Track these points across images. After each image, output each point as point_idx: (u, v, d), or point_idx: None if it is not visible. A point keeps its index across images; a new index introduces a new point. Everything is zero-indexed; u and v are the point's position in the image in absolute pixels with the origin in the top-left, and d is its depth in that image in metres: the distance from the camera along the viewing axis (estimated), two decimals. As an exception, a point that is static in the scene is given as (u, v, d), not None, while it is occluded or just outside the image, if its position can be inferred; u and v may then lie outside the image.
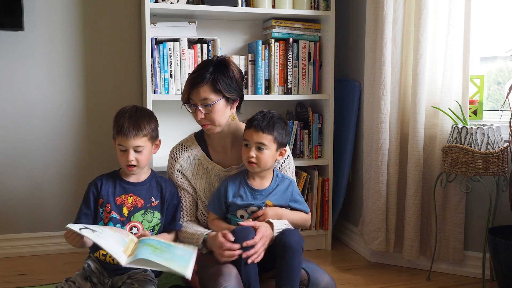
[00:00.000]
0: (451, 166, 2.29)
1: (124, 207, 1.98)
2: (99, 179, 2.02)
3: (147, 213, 2.01)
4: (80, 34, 2.78)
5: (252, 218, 1.96)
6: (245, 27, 2.94)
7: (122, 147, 1.94)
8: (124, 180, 2.03)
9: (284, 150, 2.00)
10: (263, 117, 1.95)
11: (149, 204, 2.01)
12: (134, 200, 2.00)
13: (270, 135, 1.92)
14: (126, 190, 2.01)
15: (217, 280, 1.74)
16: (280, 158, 2.01)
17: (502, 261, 2.17)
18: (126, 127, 1.92)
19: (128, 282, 1.88)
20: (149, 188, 2.04)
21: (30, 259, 2.70)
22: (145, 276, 1.94)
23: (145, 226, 2.00)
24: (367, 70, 2.62)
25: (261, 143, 1.92)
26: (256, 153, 1.93)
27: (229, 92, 1.99)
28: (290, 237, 1.85)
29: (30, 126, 2.75)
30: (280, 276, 1.81)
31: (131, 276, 1.92)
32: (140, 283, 1.87)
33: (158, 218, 2.03)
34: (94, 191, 2.00)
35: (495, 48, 2.66)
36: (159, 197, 2.04)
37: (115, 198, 1.99)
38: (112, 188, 2.00)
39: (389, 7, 2.46)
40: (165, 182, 2.08)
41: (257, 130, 1.93)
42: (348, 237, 3.01)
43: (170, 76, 2.60)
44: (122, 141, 1.94)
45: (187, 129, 2.45)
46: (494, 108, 2.63)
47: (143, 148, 1.96)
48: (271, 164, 1.97)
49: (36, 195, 2.79)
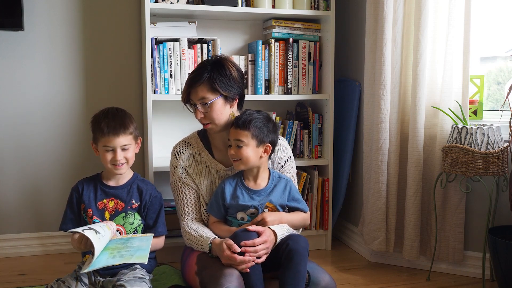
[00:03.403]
0: (451, 166, 2.29)
1: (106, 211, 2.01)
2: (80, 184, 2.05)
3: (128, 215, 2.03)
4: (80, 34, 2.78)
5: (251, 224, 1.96)
6: (245, 27, 2.94)
7: (109, 147, 1.97)
8: (105, 184, 2.06)
9: (268, 147, 2.00)
10: (242, 116, 1.99)
11: (129, 206, 2.04)
12: (116, 204, 2.02)
13: (247, 131, 1.94)
14: (107, 194, 2.03)
15: (219, 281, 1.74)
16: (265, 155, 2.01)
17: (502, 261, 2.17)
18: (112, 126, 1.96)
19: (117, 284, 1.89)
20: (129, 190, 2.06)
21: (30, 259, 2.70)
22: (134, 274, 1.94)
23: (127, 229, 2.02)
24: (367, 70, 2.62)
25: (238, 140, 1.95)
26: (236, 150, 1.95)
27: (227, 91, 2.01)
28: (297, 243, 1.87)
29: (30, 126, 2.75)
30: (286, 281, 1.82)
31: (120, 278, 1.93)
32: (130, 283, 1.88)
33: (139, 219, 2.06)
34: (76, 195, 2.04)
35: (495, 48, 2.67)
36: (139, 200, 2.06)
37: (96, 203, 2.01)
38: (93, 193, 2.03)
39: (389, 7, 2.46)
40: (147, 185, 2.10)
41: (235, 127, 1.97)
42: (348, 237, 3.01)
43: (170, 76, 2.60)
44: (109, 141, 1.96)
45: (187, 129, 2.46)
46: (494, 108, 2.63)
47: (129, 146, 2.00)
48: (255, 160, 1.98)
49: (36, 195, 2.79)
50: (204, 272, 1.88)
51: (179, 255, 2.18)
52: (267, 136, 1.99)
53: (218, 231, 2.01)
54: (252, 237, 1.85)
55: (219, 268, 1.82)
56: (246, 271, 1.81)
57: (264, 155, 2.00)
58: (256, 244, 1.83)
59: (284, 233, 1.94)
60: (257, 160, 1.98)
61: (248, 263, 1.81)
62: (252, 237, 1.85)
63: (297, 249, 1.84)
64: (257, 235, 1.86)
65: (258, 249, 1.83)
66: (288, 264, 1.83)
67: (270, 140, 2.00)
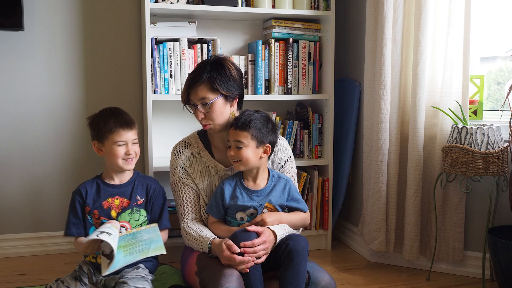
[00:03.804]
0: (451, 166, 2.29)
1: (112, 210, 2.02)
2: (82, 188, 2.06)
3: (133, 212, 2.04)
4: (80, 34, 2.78)
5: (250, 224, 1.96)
6: (245, 27, 2.94)
7: (121, 142, 2.00)
8: (108, 183, 2.08)
9: (268, 147, 2.00)
10: (241, 116, 1.98)
11: (135, 203, 2.05)
12: (121, 202, 2.04)
13: (246, 131, 1.94)
14: (111, 193, 2.05)
15: (219, 281, 1.74)
16: (265, 156, 2.01)
17: (502, 261, 2.17)
18: (123, 121, 2.02)
19: (120, 281, 1.91)
20: (133, 187, 2.08)
21: (30, 259, 2.70)
22: (137, 273, 1.96)
23: (132, 225, 2.03)
24: (367, 70, 2.62)
25: (238, 141, 1.95)
26: (236, 151, 1.95)
27: (227, 90, 2.01)
28: (297, 243, 1.86)
29: (30, 126, 2.75)
30: (286, 281, 1.82)
31: (123, 275, 1.94)
32: (132, 281, 1.90)
33: (145, 215, 2.07)
34: (80, 200, 2.05)
35: (495, 48, 2.66)
36: (144, 195, 2.08)
37: (101, 204, 2.02)
38: (98, 195, 2.05)
39: (389, 7, 2.46)
40: (150, 180, 2.14)
41: (234, 128, 1.97)
42: (348, 237, 3.01)
43: (170, 76, 2.60)
44: (121, 136, 2.00)
45: (187, 129, 2.46)
46: (494, 108, 2.63)
47: (137, 140, 2.07)
48: (255, 161, 1.98)
49: (36, 194, 2.79)
50: (204, 272, 1.88)
51: (179, 255, 2.18)
52: (267, 136, 1.99)
53: (217, 231, 2.01)
54: (252, 237, 1.85)
55: (219, 268, 1.82)
56: (245, 271, 1.81)
57: (264, 155, 2.00)
58: (256, 245, 1.83)
59: (283, 233, 1.94)
60: (257, 160, 1.98)
61: (247, 263, 1.81)
62: (251, 237, 1.85)
63: (297, 249, 1.84)
64: (257, 235, 1.86)
65: (257, 250, 1.83)
66: (288, 264, 1.83)
67: (269, 141, 2.00)
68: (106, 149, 2.03)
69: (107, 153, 2.03)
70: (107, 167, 2.09)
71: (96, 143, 2.06)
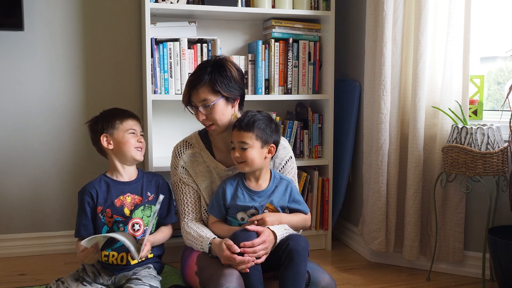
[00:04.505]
0: (451, 166, 2.29)
1: (125, 207, 2.01)
2: (91, 188, 2.04)
3: (145, 208, 2.05)
4: (80, 34, 2.78)
5: (249, 221, 1.96)
6: (245, 27, 2.94)
7: (133, 130, 2.07)
8: (117, 181, 2.07)
9: (272, 147, 2.00)
10: (244, 117, 1.97)
11: (146, 199, 2.06)
12: (133, 199, 2.04)
13: (251, 132, 1.94)
14: (123, 191, 2.04)
15: (219, 281, 1.74)
16: (270, 156, 2.01)
17: (502, 261, 2.17)
18: (131, 113, 2.10)
19: (133, 278, 1.92)
20: (142, 184, 2.09)
21: (30, 259, 2.70)
22: (149, 272, 1.97)
23: (145, 221, 2.03)
24: (367, 70, 2.62)
25: (242, 142, 1.94)
26: (241, 152, 1.94)
27: (228, 91, 2.01)
28: (297, 243, 1.86)
29: (30, 126, 2.75)
30: (286, 281, 1.82)
31: (135, 272, 1.96)
32: (146, 278, 1.91)
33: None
34: (90, 201, 2.03)
35: (495, 48, 2.66)
36: (153, 191, 2.09)
37: (113, 202, 2.01)
38: (109, 193, 2.04)
39: (389, 7, 2.46)
40: (156, 176, 2.16)
41: (238, 129, 1.96)
42: (348, 237, 3.01)
43: (170, 76, 2.60)
44: (133, 125, 2.08)
45: (187, 129, 2.46)
46: (494, 108, 2.63)
47: (143, 133, 2.16)
48: (260, 162, 1.97)
49: (36, 194, 2.79)
50: (204, 272, 1.88)
51: (179, 255, 2.18)
52: (271, 136, 1.99)
53: (218, 231, 2.01)
54: (252, 237, 1.85)
55: (219, 268, 1.82)
56: (245, 271, 1.81)
57: (268, 155, 2.00)
58: (255, 245, 1.83)
59: (283, 233, 1.94)
60: (262, 161, 1.98)
61: (247, 263, 1.81)
62: (251, 237, 1.85)
63: (297, 249, 1.84)
64: (257, 235, 1.86)
65: (257, 250, 1.83)
66: (288, 264, 1.83)
67: (274, 141, 2.00)
68: (117, 139, 2.04)
69: (118, 144, 2.04)
70: (113, 164, 2.09)
71: (105, 135, 2.06)
